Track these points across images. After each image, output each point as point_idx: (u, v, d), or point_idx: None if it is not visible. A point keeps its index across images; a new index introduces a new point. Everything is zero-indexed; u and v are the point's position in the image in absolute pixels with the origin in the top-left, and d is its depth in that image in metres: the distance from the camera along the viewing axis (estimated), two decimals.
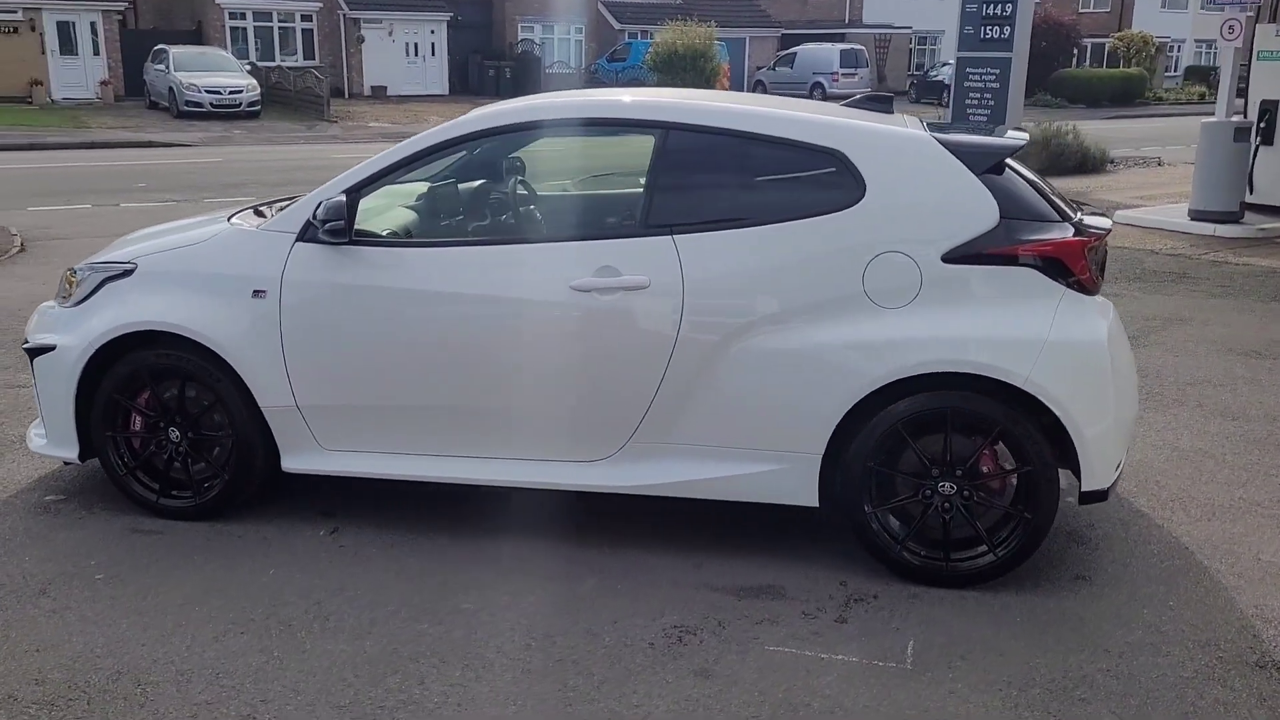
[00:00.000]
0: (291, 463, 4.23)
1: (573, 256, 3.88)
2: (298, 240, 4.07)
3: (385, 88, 33.21)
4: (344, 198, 3.93)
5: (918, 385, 3.69)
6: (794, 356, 3.74)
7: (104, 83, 29.63)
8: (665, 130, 3.94)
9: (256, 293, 4.08)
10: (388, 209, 4.42)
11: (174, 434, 4.27)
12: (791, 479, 3.83)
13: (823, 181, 3.86)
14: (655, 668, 3.30)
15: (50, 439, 4.42)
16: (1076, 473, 3.69)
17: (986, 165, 3.77)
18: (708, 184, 3.94)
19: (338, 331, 4.04)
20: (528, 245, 4.02)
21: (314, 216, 3.96)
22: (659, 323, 3.80)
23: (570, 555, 4.02)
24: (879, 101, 4.39)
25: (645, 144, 3.99)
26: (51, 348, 4.32)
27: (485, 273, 3.94)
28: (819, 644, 3.45)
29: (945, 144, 3.81)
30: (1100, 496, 3.73)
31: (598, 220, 4.56)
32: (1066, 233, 3.71)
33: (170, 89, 25.91)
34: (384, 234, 4.16)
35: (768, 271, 3.77)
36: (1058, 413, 3.60)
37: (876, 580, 3.84)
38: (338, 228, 3.94)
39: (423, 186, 4.66)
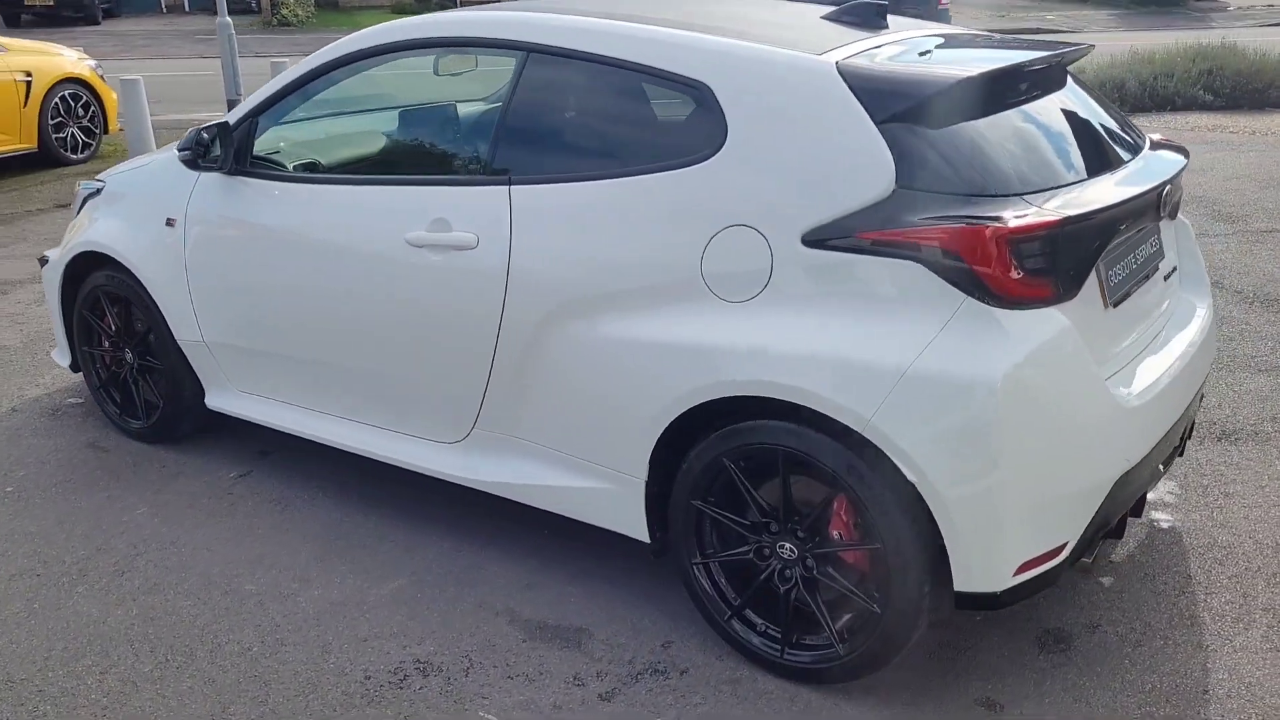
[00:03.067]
0: (211, 400, 4.08)
1: (412, 204, 3.28)
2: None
3: None
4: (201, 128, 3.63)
5: (749, 410, 2.72)
6: (612, 351, 2.91)
7: None
8: (525, 53, 3.17)
9: (169, 221, 3.93)
10: (335, 138, 4.05)
11: (129, 356, 4.28)
12: (616, 503, 3.03)
13: (683, 124, 2.93)
14: (331, 711, 2.77)
15: (57, 347, 4.62)
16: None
17: (897, 109, 2.62)
18: (558, 123, 3.14)
19: (222, 267, 3.78)
20: (371, 188, 3.45)
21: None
22: (485, 292, 3.12)
23: (414, 546, 3.51)
24: (866, 11, 3.24)
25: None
26: (47, 260, 4.49)
27: (330, 216, 3.47)
28: None
29: (851, 76, 2.70)
30: (987, 602, 2.56)
31: (445, 161, 3.83)
32: (1005, 212, 2.50)
33: None
34: (290, 167, 3.80)
35: (598, 239, 2.94)
36: (910, 474, 2.49)
37: (708, 650, 2.96)
38: (187, 158, 3.68)
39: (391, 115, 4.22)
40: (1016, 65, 2.85)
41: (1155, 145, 3.24)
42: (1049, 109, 2.98)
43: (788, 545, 2.76)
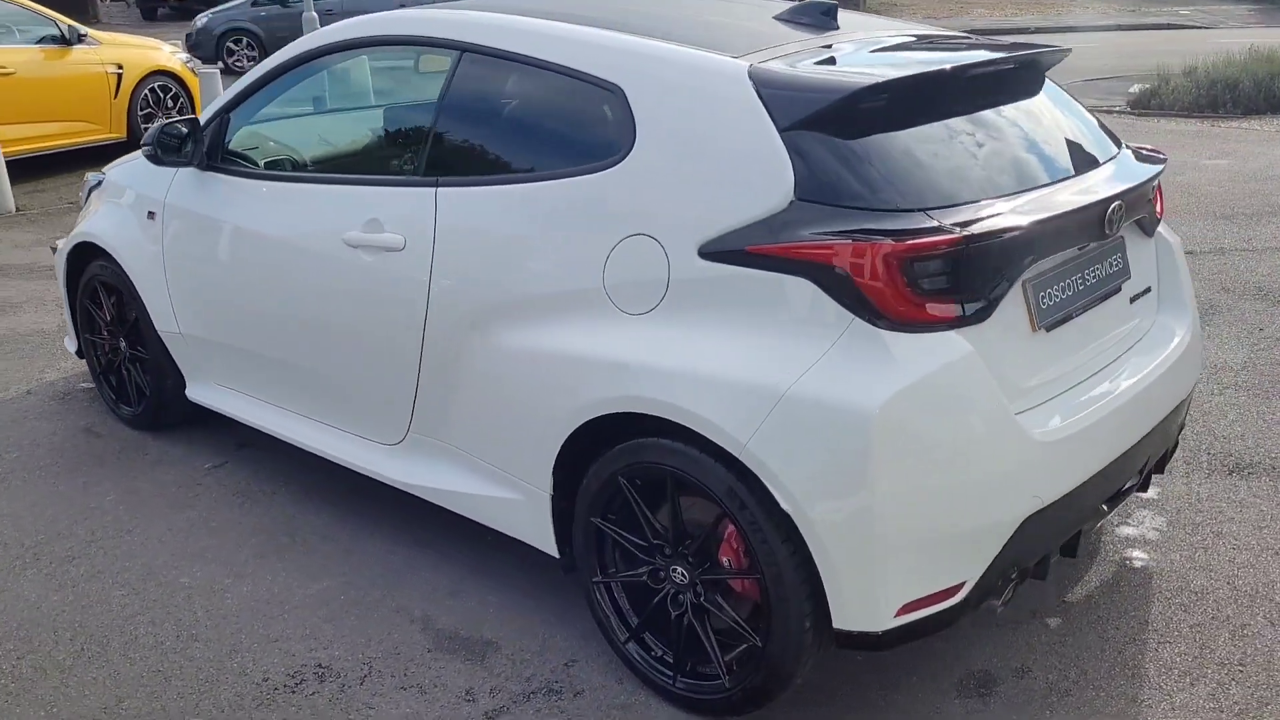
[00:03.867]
0: (191, 391, 4.14)
1: (352, 204, 3.26)
2: None
3: None
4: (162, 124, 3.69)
5: (641, 428, 2.61)
6: (520, 360, 2.83)
7: None
8: (460, 52, 3.12)
9: (150, 214, 4.00)
10: (297, 135, 4.08)
11: (122, 345, 4.38)
12: (526, 515, 2.96)
13: (597, 127, 2.82)
14: (220, 712, 2.76)
15: (68, 333, 4.77)
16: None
17: (802, 116, 2.47)
18: (484, 124, 3.08)
19: (194, 261, 3.84)
20: (319, 186, 3.43)
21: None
22: (411, 294, 3.08)
23: (355, 546, 3.50)
24: (817, 10, 3.08)
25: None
26: (55, 249, 4.63)
27: (283, 212, 3.48)
28: None
29: (762, 81, 2.56)
30: (868, 642, 2.39)
31: (385, 160, 3.77)
32: (902, 228, 2.34)
33: None
34: (261, 163, 3.83)
35: (512, 243, 2.86)
36: (784, 503, 2.35)
37: (609, 673, 2.86)
38: (149, 153, 3.73)
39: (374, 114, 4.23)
40: (949, 70, 2.66)
41: (1130, 154, 3.01)
42: (997, 117, 2.78)
43: (680, 569, 2.64)
